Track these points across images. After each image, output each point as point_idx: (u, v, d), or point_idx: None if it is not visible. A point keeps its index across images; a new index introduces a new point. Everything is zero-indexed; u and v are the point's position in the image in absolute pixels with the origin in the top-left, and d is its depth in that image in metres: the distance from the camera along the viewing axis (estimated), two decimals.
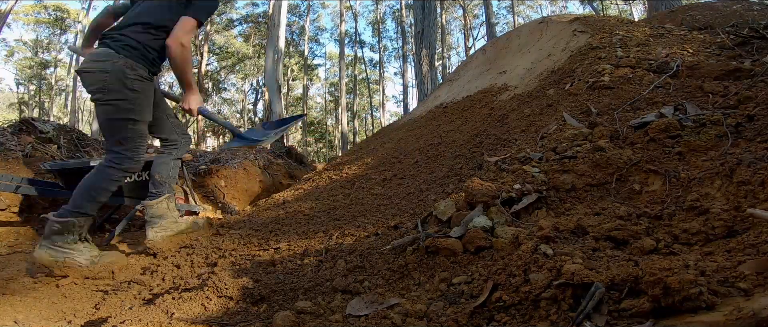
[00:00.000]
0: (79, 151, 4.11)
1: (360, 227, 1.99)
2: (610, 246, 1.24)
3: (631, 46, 3.10)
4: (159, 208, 2.23)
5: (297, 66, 25.77)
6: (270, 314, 1.25)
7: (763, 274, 0.89)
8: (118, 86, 1.95)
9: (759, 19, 3.25)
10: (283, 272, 1.58)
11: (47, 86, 23.93)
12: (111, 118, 1.99)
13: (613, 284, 0.96)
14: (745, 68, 2.33)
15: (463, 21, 25.43)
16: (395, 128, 4.85)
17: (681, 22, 3.91)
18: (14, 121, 4.18)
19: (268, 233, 2.23)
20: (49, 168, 2.61)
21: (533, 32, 4.46)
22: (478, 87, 4.28)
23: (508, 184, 1.72)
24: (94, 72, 1.96)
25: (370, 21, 27.84)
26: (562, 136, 2.12)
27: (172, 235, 2.22)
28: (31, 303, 1.64)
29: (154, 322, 1.27)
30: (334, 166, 4.01)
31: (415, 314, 1.11)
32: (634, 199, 1.60)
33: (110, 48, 1.97)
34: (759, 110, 1.75)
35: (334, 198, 2.75)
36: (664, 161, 1.69)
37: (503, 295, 1.08)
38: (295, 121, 2.73)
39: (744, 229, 1.17)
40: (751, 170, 1.35)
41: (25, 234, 2.68)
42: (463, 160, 2.63)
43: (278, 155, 6.00)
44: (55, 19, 21.89)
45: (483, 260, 1.30)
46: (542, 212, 1.57)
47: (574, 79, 2.88)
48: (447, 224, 1.56)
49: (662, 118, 1.91)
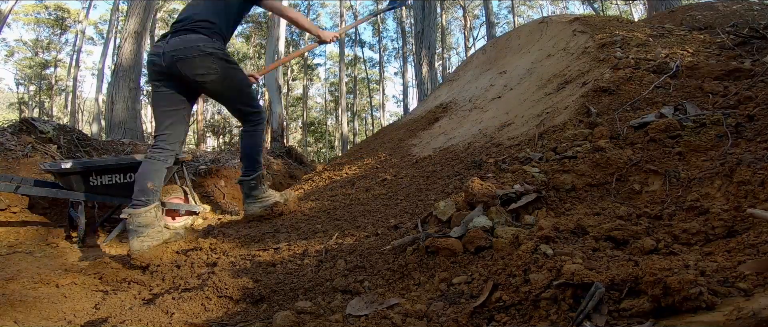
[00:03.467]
0: (79, 151, 4.10)
1: (360, 227, 1.99)
2: (610, 246, 1.24)
3: (631, 46, 3.10)
4: (147, 217, 2.13)
5: (297, 66, 25.78)
6: (270, 314, 1.25)
7: (763, 274, 0.89)
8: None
9: (759, 19, 3.24)
10: (283, 272, 1.58)
11: (47, 86, 23.92)
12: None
13: (613, 284, 0.96)
14: (745, 68, 2.33)
15: (463, 21, 25.43)
16: (395, 128, 4.85)
17: (681, 22, 3.91)
18: (14, 121, 4.18)
19: (268, 233, 2.23)
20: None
21: (533, 32, 4.47)
22: (478, 87, 4.28)
23: (508, 184, 1.72)
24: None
25: (370, 21, 27.83)
26: (562, 136, 2.12)
27: (158, 245, 2.09)
28: (31, 303, 1.64)
29: (154, 322, 1.27)
30: (334, 166, 4.01)
31: (415, 314, 1.11)
32: (634, 199, 1.60)
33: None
34: (759, 110, 1.75)
35: (334, 198, 2.75)
36: (664, 161, 1.69)
37: (503, 295, 1.08)
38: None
39: (744, 229, 1.17)
40: (751, 170, 1.35)
41: (25, 234, 2.67)
42: (463, 161, 2.63)
43: (278, 155, 5.99)
44: (55, 19, 21.90)
45: (483, 260, 1.30)
46: (542, 212, 1.57)
47: (575, 79, 2.88)
48: (447, 224, 1.55)
49: (662, 118, 1.91)
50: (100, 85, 15.65)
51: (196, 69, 2.18)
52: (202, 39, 2.21)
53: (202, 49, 2.18)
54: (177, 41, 2.19)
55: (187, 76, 2.20)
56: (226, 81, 2.30)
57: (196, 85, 2.26)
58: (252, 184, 2.52)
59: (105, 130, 8.50)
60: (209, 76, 2.22)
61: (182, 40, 2.19)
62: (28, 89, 24.74)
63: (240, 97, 2.43)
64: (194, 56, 2.17)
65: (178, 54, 2.16)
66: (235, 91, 2.39)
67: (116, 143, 4.80)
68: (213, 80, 2.24)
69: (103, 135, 10.67)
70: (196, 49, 2.17)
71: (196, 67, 2.18)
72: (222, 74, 2.26)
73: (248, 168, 2.52)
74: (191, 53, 2.16)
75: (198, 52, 2.17)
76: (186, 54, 2.16)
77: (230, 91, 2.37)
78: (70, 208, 2.74)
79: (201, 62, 2.18)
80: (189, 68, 2.18)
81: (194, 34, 2.21)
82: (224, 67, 2.27)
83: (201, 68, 2.19)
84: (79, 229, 2.56)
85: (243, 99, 2.44)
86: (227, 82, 2.31)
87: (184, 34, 2.21)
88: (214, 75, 2.23)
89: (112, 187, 2.74)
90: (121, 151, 4.46)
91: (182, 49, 2.17)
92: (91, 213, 2.97)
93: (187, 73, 2.18)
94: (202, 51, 2.18)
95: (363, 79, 28.48)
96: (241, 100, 2.44)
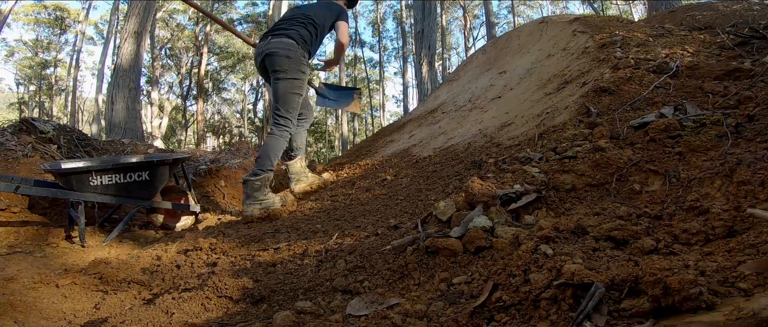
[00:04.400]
0: (79, 151, 4.10)
1: (360, 227, 1.99)
2: (610, 246, 1.24)
3: (631, 46, 3.10)
4: (296, 167, 2.99)
5: None
6: (270, 314, 1.25)
7: (763, 274, 0.89)
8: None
9: (759, 19, 3.24)
10: (283, 272, 1.58)
11: (47, 86, 23.92)
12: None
13: (613, 284, 0.96)
14: (745, 68, 2.33)
15: (463, 21, 25.42)
16: (395, 128, 4.84)
17: (681, 22, 3.91)
18: (14, 121, 4.18)
19: (268, 233, 2.22)
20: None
21: (533, 32, 4.47)
22: (479, 87, 4.28)
23: (508, 184, 1.72)
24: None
25: (370, 21, 27.85)
26: (562, 136, 2.12)
27: (305, 187, 2.99)
28: (31, 303, 1.64)
29: (154, 322, 1.27)
30: (334, 166, 4.01)
31: (415, 314, 1.11)
32: (634, 199, 1.60)
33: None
34: (759, 110, 1.75)
35: (334, 198, 2.75)
36: (664, 161, 1.68)
37: (503, 295, 1.08)
38: (352, 94, 3.49)
39: (744, 229, 1.17)
40: (751, 170, 1.35)
41: (25, 234, 2.67)
42: (463, 161, 2.62)
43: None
44: (55, 19, 21.88)
45: (483, 260, 1.30)
46: (542, 212, 1.56)
47: (575, 79, 2.88)
48: (447, 224, 1.55)
49: (662, 118, 1.91)
50: (100, 86, 15.66)
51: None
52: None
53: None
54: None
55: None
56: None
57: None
58: (256, 185, 2.61)
59: (105, 130, 8.49)
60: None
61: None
62: (28, 89, 24.74)
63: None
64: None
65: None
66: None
67: (116, 143, 4.80)
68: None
69: (103, 135, 10.66)
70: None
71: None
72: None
73: (259, 167, 2.65)
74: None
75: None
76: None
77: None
78: (70, 208, 2.74)
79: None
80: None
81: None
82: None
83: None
84: (79, 229, 2.56)
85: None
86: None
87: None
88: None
89: (110, 187, 2.73)
90: (121, 151, 4.46)
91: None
92: (91, 213, 2.97)
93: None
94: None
95: (363, 79, 28.47)
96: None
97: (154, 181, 2.89)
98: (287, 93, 2.70)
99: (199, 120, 19.64)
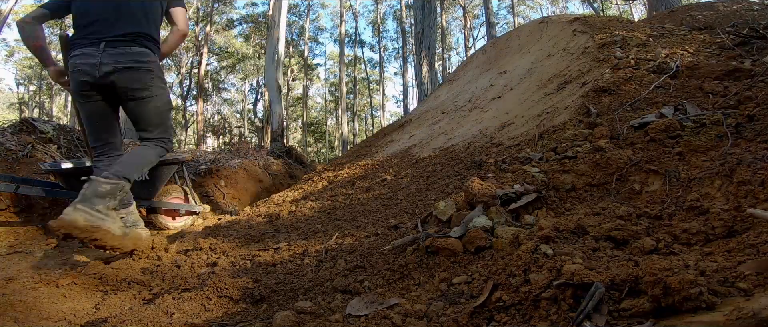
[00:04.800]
0: (79, 151, 4.10)
1: (360, 227, 1.99)
2: (610, 246, 1.24)
3: (631, 46, 3.10)
4: (135, 215, 2.37)
5: (297, 66, 25.78)
6: (270, 314, 1.25)
7: (763, 274, 0.89)
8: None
9: (759, 19, 3.25)
10: (283, 272, 1.58)
11: (47, 86, 23.93)
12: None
13: (613, 284, 0.96)
14: (745, 68, 2.33)
15: (463, 21, 25.43)
16: (395, 128, 4.85)
17: (681, 22, 3.91)
18: (14, 121, 4.18)
19: (268, 233, 2.22)
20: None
21: (533, 32, 4.47)
22: (479, 87, 4.28)
23: (508, 184, 1.72)
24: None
25: (370, 21, 27.86)
26: (562, 136, 2.12)
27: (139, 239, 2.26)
28: (31, 303, 1.64)
29: (154, 322, 1.27)
30: (334, 166, 4.01)
31: (415, 314, 1.11)
32: (634, 199, 1.60)
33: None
34: (759, 110, 1.75)
35: (334, 198, 2.75)
36: (664, 161, 1.68)
37: (503, 295, 1.08)
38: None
39: (744, 229, 1.17)
40: (751, 170, 1.35)
41: (25, 234, 2.67)
42: (463, 161, 2.63)
43: (278, 155, 6.00)
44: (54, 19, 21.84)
45: (483, 260, 1.30)
46: (542, 212, 1.57)
47: (575, 79, 2.88)
48: (447, 224, 1.55)
49: (662, 118, 1.91)
50: None
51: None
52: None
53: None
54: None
55: None
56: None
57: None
58: (104, 190, 1.91)
59: None
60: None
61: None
62: (28, 89, 24.75)
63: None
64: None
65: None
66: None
67: None
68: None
69: None
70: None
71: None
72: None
73: (121, 173, 1.99)
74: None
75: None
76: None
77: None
78: None
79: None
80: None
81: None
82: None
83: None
84: None
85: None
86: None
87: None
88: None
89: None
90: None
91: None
92: None
93: None
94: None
95: (363, 79, 28.48)
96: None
97: (155, 181, 2.89)
98: (163, 112, 2.25)
99: (199, 120, 19.62)
